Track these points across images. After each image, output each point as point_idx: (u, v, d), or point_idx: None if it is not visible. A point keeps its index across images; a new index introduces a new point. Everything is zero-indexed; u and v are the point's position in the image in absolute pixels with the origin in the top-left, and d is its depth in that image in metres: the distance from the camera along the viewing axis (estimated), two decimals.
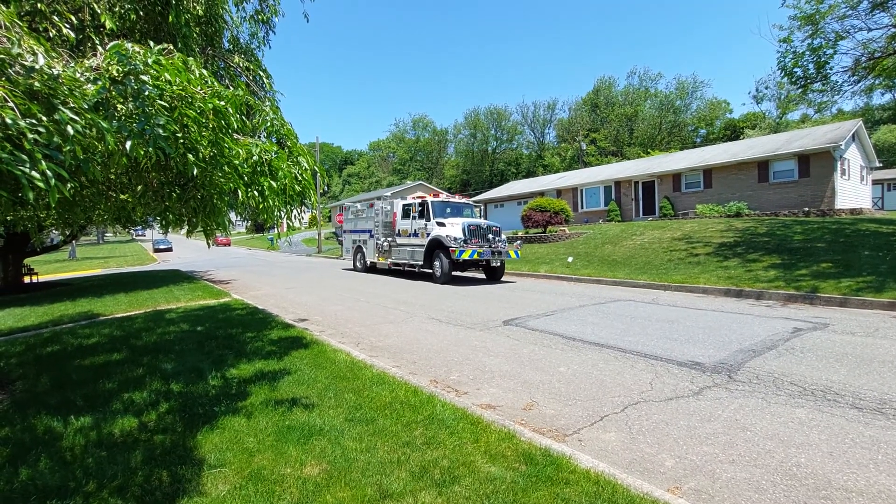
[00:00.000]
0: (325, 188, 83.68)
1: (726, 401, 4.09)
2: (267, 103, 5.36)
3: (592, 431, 3.60)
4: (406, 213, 15.47)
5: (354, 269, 18.87)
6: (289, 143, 4.26)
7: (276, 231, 69.82)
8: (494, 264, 13.75)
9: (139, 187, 3.96)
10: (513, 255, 13.96)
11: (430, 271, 14.08)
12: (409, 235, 14.99)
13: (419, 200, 14.72)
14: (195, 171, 2.96)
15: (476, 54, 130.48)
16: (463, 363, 5.51)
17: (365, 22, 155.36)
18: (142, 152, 2.40)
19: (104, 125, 2.33)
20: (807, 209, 20.12)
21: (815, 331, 6.51)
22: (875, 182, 30.61)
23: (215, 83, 3.34)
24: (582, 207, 29.90)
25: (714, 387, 4.45)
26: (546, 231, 22.04)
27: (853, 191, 22.07)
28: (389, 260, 16.04)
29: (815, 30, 12.07)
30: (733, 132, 52.02)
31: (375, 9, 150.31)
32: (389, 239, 16.12)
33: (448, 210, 14.75)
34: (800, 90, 13.21)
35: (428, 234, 13.92)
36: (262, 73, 5.92)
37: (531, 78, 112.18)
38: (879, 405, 3.87)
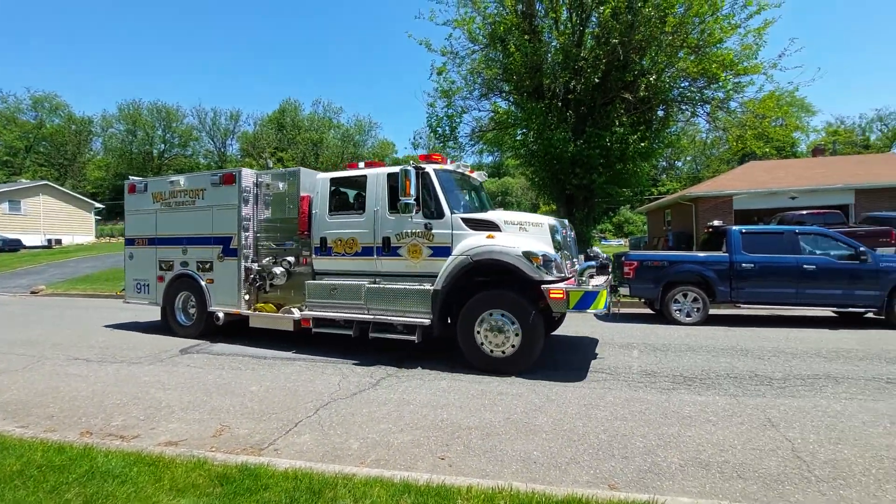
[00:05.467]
0: None
1: (396, 386, 5.06)
2: None
3: (288, 438, 3.78)
4: (342, 201, 7.10)
5: (167, 326, 8.21)
6: None
7: None
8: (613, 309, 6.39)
9: None
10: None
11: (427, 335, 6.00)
12: (358, 254, 6.47)
13: (402, 169, 6.00)
14: None
15: (135, 42, 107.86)
16: (129, 404, 4.63)
17: None
18: None
19: None
20: None
21: None
22: None
23: None
24: None
25: (388, 377, 5.40)
26: None
27: None
28: (301, 310, 6.81)
29: (449, 102, 16.30)
30: None
31: None
32: (288, 260, 7.20)
33: (457, 193, 6.64)
34: (441, 144, 17.39)
35: (433, 250, 6.02)
36: None
37: (211, 82, 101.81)
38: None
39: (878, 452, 3.38)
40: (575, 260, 6.42)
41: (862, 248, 8.31)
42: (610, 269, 6.78)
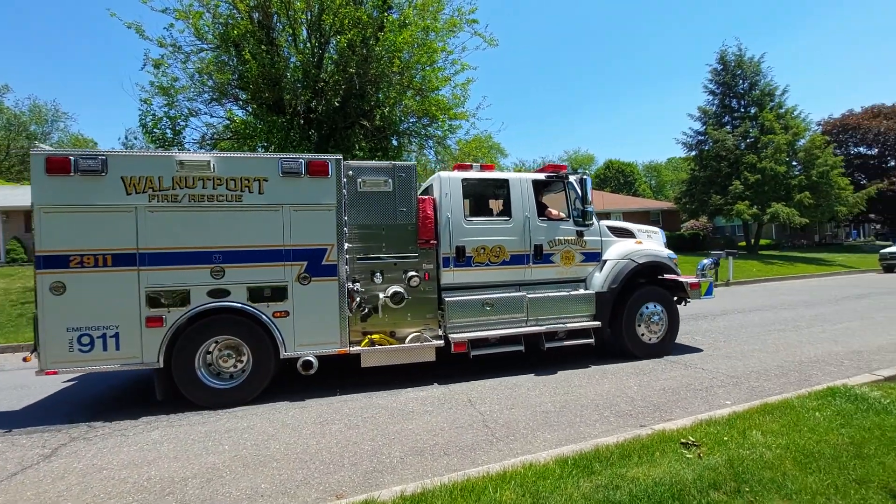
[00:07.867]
0: None
1: (84, 450, 3.98)
2: None
3: None
4: (476, 205, 7.15)
5: (174, 392, 4.90)
6: None
7: None
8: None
9: None
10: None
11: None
12: (506, 262, 6.25)
13: (581, 177, 6.59)
14: None
15: None
16: None
17: None
18: None
19: None
20: None
21: None
22: None
23: None
24: None
25: (72, 441, 4.20)
26: None
27: None
28: (424, 334, 5.91)
29: (171, 101, 13.99)
30: None
31: None
32: (416, 275, 5.86)
33: None
34: (160, 149, 14.76)
35: (584, 256, 6.65)
36: None
37: None
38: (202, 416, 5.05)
39: (535, 409, 4.59)
40: None
41: None
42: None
